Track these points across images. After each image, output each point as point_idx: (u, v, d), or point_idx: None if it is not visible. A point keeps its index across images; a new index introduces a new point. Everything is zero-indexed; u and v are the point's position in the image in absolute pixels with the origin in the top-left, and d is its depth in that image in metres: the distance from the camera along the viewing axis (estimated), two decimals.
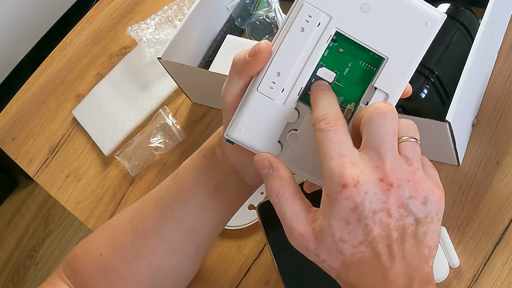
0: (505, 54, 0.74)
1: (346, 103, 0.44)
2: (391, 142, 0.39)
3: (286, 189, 0.41)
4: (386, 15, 0.41)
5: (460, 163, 0.68)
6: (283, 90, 0.43)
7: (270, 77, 0.43)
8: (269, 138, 0.44)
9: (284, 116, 0.44)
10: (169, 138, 0.84)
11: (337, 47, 0.43)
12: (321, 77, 0.43)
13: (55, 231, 1.83)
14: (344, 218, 0.38)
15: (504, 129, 0.69)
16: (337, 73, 0.43)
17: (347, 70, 0.43)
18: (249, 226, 0.71)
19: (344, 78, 0.43)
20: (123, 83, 0.92)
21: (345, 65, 0.43)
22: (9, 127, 0.96)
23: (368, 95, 0.43)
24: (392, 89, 0.43)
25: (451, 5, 0.69)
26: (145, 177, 0.82)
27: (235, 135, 0.45)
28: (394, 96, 0.43)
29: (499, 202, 0.65)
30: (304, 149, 0.44)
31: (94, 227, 0.81)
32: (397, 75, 0.42)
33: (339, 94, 0.44)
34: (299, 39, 0.42)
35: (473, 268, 0.62)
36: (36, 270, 1.77)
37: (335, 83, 0.44)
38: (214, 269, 0.71)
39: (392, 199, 0.37)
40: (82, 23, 1.04)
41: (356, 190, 0.37)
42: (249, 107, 0.44)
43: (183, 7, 0.95)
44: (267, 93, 0.43)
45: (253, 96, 0.43)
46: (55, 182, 0.87)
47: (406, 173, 0.38)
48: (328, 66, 0.43)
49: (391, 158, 0.38)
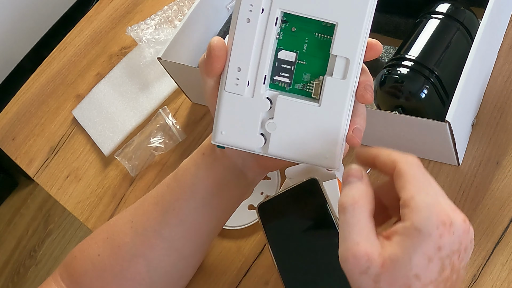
0: (505, 54, 0.74)
1: (314, 78, 0.45)
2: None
3: (366, 204, 0.39)
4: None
5: (460, 163, 0.68)
6: (248, 83, 0.44)
7: (233, 74, 0.43)
8: (250, 133, 0.45)
9: (256, 108, 0.44)
10: (169, 138, 0.84)
11: (289, 27, 0.43)
12: (283, 59, 0.44)
13: (55, 231, 1.83)
14: (429, 255, 0.36)
15: (504, 129, 0.69)
16: (297, 52, 0.44)
17: (306, 47, 0.44)
18: (249, 226, 0.71)
19: (305, 55, 0.44)
20: (123, 83, 0.92)
21: (302, 42, 0.44)
22: (9, 127, 0.96)
23: (331, 65, 0.44)
24: (351, 52, 0.43)
25: (451, 5, 0.69)
26: (145, 177, 0.82)
27: (219, 139, 0.45)
28: (355, 59, 0.43)
29: (499, 202, 0.65)
30: (284, 134, 0.45)
31: (94, 227, 0.81)
32: (351, 37, 0.43)
33: (304, 72, 0.44)
34: (248, 30, 0.42)
35: (473, 268, 0.62)
36: (36, 270, 1.77)
37: (298, 62, 0.44)
38: (214, 269, 0.71)
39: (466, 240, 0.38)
40: (82, 23, 1.04)
41: (449, 230, 0.37)
42: (223, 108, 0.44)
43: (183, 7, 0.95)
44: (234, 90, 0.44)
45: (223, 97, 0.44)
46: (55, 182, 0.87)
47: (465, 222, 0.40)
48: (286, 48, 0.44)
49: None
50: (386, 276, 0.37)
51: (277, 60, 0.44)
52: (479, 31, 0.63)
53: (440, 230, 0.36)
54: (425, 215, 0.36)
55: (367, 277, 0.37)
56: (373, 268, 0.37)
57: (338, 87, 0.43)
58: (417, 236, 0.36)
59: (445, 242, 0.36)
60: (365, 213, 0.39)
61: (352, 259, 0.37)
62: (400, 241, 0.37)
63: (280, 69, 0.44)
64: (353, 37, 0.43)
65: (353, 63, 0.43)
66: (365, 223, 0.38)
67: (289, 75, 0.44)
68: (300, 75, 0.45)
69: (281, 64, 0.44)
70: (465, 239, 0.38)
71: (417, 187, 0.37)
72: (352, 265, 0.37)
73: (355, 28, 0.42)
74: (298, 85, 0.45)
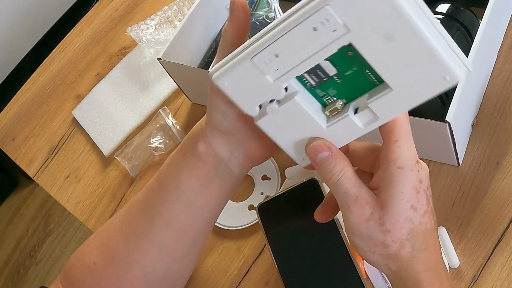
0: (505, 54, 0.74)
1: (338, 98, 0.43)
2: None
3: (348, 168, 0.43)
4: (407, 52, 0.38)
5: (460, 164, 0.68)
6: (277, 69, 0.41)
7: (267, 55, 0.41)
8: (250, 100, 0.44)
9: (270, 91, 0.43)
10: (169, 138, 0.84)
11: (347, 49, 0.40)
12: (323, 67, 0.42)
13: (55, 231, 1.83)
14: (415, 187, 0.42)
15: (504, 129, 0.69)
16: (339, 70, 0.42)
17: (350, 72, 0.42)
18: (249, 226, 0.71)
19: (344, 78, 0.42)
20: (123, 83, 0.92)
21: (349, 68, 0.42)
22: (9, 127, 0.96)
23: (360, 104, 0.42)
24: (384, 115, 0.42)
25: (451, 5, 0.69)
26: (145, 177, 0.82)
27: (219, 83, 0.43)
28: (383, 121, 0.42)
29: (499, 203, 0.65)
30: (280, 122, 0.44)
31: (94, 227, 0.81)
32: (394, 107, 0.41)
33: (333, 88, 0.43)
34: (309, 35, 0.39)
35: (473, 268, 0.62)
36: (36, 270, 1.77)
37: (333, 78, 0.42)
38: (214, 269, 0.71)
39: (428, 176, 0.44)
40: (82, 23, 1.04)
41: (422, 166, 0.43)
42: (237, 69, 0.42)
43: (183, 7, 0.95)
44: (260, 66, 0.41)
45: (245, 62, 0.41)
46: (55, 183, 0.87)
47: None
48: (332, 61, 0.41)
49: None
50: (388, 216, 0.41)
51: (318, 66, 0.42)
52: (479, 31, 0.63)
53: (417, 167, 0.42)
54: (407, 155, 0.42)
55: (373, 222, 0.42)
56: (376, 213, 0.42)
57: (351, 128, 0.43)
58: (402, 173, 0.42)
59: (422, 176, 0.42)
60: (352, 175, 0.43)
61: (357, 212, 0.42)
62: (388, 182, 0.42)
63: (314, 72, 0.42)
64: (395, 109, 0.42)
65: (378, 123, 0.42)
66: (356, 181, 0.43)
67: (318, 80, 0.43)
68: (328, 87, 0.43)
69: (317, 70, 0.42)
70: (427, 174, 0.44)
71: (401, 132, 0.43)
72: (358, 215, 0.42)
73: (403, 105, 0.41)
74: (320, 92, 0.44)
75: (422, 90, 0.40)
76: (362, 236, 0.43)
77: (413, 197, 0.42)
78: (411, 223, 0.42)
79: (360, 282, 0.57)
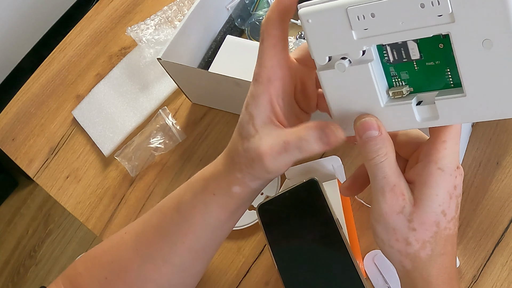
0: None
1: (407, 83, 0.42)
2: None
3: (392, 154, 0.42)
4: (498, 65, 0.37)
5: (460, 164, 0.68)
6: (366, 29, 0.40)
7: (365, 11, 0.39)
8: (324, 49, 0.42)
9: (349, 48, 0.41)
10: (169, 138, 0.84)
11: (440, 41, 0.39)
12: (407, 47, 0.40)
13: (55, 231, 1.83)
14: (449, 192, 0.42)
15: (504, 130, 0.69)
16: (422, 58, 0.41)
17: (431, 64, 0.41)
18: (249, 226, 0.71)
19: (423, 66, 0.41)
20: (123, 83, 0.92)
21: (433, 59, 0.40)
22: (9, 128, 0.96)
23: (425, 98, 0.42)
24: (445, 117, 0.40)
25: None
26: (145, 177, 0.82)
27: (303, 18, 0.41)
28: (439, 123, 0.41)
29: (499, 203, 0.65)
30: (340, 83, 0.43)
31: (94, 227, 0.81)
32: (459, 114, 0.40)
33: (408, 72, 0.42)
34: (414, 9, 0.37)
35: (473, 268, 0.62)
36: (36, 270, 1.77)
37: (412, 62, 0.41)
38: (214, 269, 0.71)
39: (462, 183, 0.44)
40: (82, 23, 1.04)
41: (461, 172, 0.43)
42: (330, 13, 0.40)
43: (182, 7, 0.95)
44: (352, 19, 0.40)
45: (339, 9, 0.40)
46: (55, 183, 0.87)
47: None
48: (419, 46, 0.40)
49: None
50: (418, 215, 0.41)
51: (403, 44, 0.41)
52: None
53: (456, 172, 0.42)
54: (450, 158, 0.42)
55: (402, 216, 0.41)
56: (407, 207, 0.41)
57: (407, 117, 0.42)
58: (441, 175, 0.41)
59: (457, 182, 0.42)
60: (394, 161, 0.42)
61: (390, 199, 0.42)
62: (425, 181, 0.41)
63: (398, 49, 0.41)
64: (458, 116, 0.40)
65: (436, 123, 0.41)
66: (397, 169, 0.42)
67: (398, 59, 0.41)
68: (403, 69, 0.42)
69: (401, 48, 0.41)
70: (461, 181, 0.43)
71: (452, 134, 0.42)
72: (390, 205, 0.42)
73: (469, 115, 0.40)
74: (393, 71, 0.42)
75: (493, 108, 0.39)
76: (387, 227, 0.42)
77: (446, 201, 0.41)
78: (437, 227, 0.42)
79: (360, 282, 0.57)
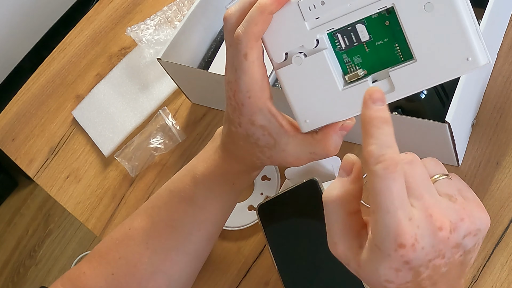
0: (505, 54, 0.74)
1: (360, 67, 0.44)
2: (431, 187, 0.37)
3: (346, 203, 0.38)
4: (441, 26, 0.40)
5: (459, 164, 0.68)
6: (317, 18, 0.43)
7: (315, 0, 0.42)
8: (281, 45, 0.45)
9: (304, 39, 0.44)
10: (169, 138, 0.84)
11: (385, 18, 0.42)
12: (357, 30, 0.43)
13: (55, 231, 1.83)
14: (395, 268, 0.35)
15: (504, 130, 0.69)
16: (371, 38, 0.43)
17: (380, 43, 0.43)
18: (249, 226, 0.71)
19: (373, 47, 0.43)
20: (123, 83, 0.92)
21: (382, 37, 0.43)
22: (9, 128, 0.96)
23: (379, 76, 0.44)
24: (401, 87, 0.42)
25: None
26: (145, 177, 0.82)
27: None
28: (397, 95, 0.43)
29: (499, 203, 0.65)
30: (299, 76, 0.45)
31: (94, 227, 0.81)
32: (413, 81, 0.42)
33: (360, 56, 0.44)
34: None
35: (472, 268, 0.62)
36: (36, 270, 1.77)
37: (363, 44, 0.43)
38: (214, 269, 0.71)
39: (450, 244, 0.36)
40: (82, 24, 1.04)
41: (413, 249, 0.34)
42: (283, 9, 0.43)
43: (182, 7, 0.95)
44: (304, 10, 0.43)
45: (292, 4, 0.43)
46: (55, 183, 0.87)
47: (457, 212, 0.36)
48: (367, 27, 0.43)
49: (438, 203, 0.36)
50: (364, 274, 0.37)
51: (352, 27, 0.43)
52: None
53: (400, 252, 0.34)
54: (382, 236, 0.34)
55: (350, 269, 0.38)
56: (352, 265, 0.38)
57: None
58: (379, 253, 0.35)
59: (411, 258, 0.34)
60: (344, 213, 0.37)
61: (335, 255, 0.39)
62: (368, 250, 0.36)
63: (348, 35, 0.44)
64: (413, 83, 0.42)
65: (393, 95, 0.43)
66: (343, 224, 0.37)
67: (349, 44, 0.44)
68: (355, 54, 0.44)
69: (351, 32, 0.43)
70: (446, 246, 0.35)
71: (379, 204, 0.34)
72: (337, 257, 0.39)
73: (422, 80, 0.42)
74: (346, 57, 0.45)
75: (443, 68, 0.41)
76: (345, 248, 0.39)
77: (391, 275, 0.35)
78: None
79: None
